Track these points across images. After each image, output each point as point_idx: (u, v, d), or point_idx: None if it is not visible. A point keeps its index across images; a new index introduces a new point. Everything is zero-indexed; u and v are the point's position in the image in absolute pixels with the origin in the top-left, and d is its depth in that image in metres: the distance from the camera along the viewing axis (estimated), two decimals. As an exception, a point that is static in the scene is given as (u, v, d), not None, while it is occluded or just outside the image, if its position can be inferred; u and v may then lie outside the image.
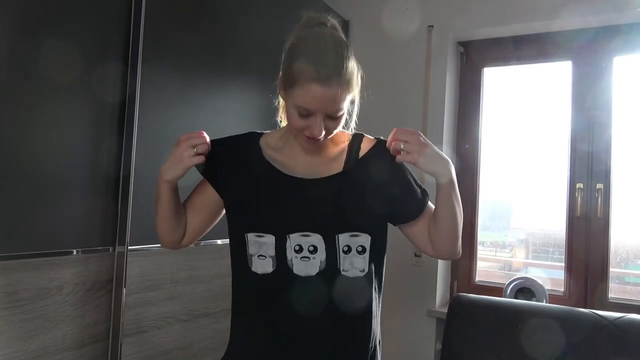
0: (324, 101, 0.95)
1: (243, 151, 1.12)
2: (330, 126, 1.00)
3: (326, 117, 0.98)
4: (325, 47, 0.95)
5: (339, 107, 0.97)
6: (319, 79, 0.93)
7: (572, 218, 2.16)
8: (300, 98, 0.95)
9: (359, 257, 1.04)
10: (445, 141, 2.31)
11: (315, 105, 0.95)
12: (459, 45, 2.42)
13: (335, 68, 0.94)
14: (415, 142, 1.01)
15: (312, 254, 1.02)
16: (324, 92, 0.94)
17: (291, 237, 1.02)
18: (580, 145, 2.16)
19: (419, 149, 1.00)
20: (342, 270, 1.03)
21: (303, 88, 0.94)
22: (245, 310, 1.11)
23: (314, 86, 0.93)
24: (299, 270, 1.02)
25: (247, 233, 1.06)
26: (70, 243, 1.34)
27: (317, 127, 0.98)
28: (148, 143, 1.50)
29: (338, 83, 0.94)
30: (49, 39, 1.26)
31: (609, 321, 1.73)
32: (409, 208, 1.11)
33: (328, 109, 0.96)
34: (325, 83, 0.93)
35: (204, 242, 1.72)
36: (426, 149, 1.01)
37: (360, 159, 1.09)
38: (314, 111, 0.96)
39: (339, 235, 1.02)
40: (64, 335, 1.34)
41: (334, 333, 1.04)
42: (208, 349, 1.78)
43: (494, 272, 2.46)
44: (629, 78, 2.13)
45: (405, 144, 1.01)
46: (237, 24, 1.84)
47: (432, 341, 2.24)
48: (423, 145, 1.01)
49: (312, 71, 0.93)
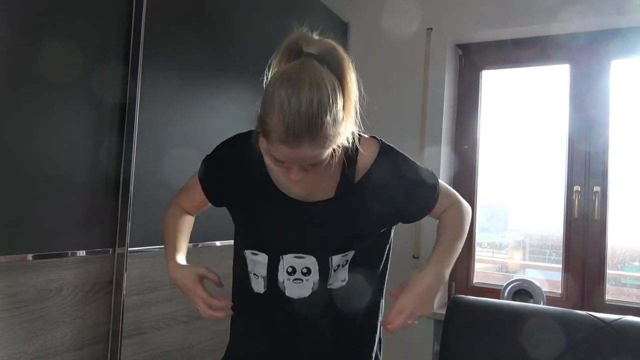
0: (295, 159, 0.87)
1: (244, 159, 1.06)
2: (312, 169, 0.92)
3: (305, 164, 0.90)
4: (300, 99, 0.83)
5: (314, 160, 0.89)
6: (287, 142, 0.84)
7: (570, 220, 2.17)
8: (272, 152, 0.88)
9: (342, 269, 1.05)
10: (443, 143, 2.32)
11: (288, 161, 0.89)
12: (458, 47, 2.43)
13: (308, 127, 0.83)
14: (412, 314, 1.00)
15: (305, 275, 1.02)
16: (294, 153, 0.86)
17: (284, 258, 1.02)
18: (578, 147, 2.17)
19: (420, 312, 1.00)
20: (328, 285, 1.04)
21: (274, 146, 0.86)
22: (244, 312, 1.12)
23: (283, 148, 0.85)
24: (292, 293, 1.03)
25: (245, 250, 1.07)
26: (70, 245, 1.34)
27: (294, 173, 0.91)
28: (148, 145, 1.50)
29: (310, 144, 0.84)
30: (50, 41, 1.25)
31: (606, 323, 1.74)
32: (415, 213, 1.12)
33: (302, 163, 0.89)
34: (294, 145, 0.84)
35: (203, 244, 1.73)
36: (422, 307, 1.01)
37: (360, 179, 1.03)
38: (287, 163, 0.90)
39: (333, 257, 1.02)
40: (63, 337, 1.34)
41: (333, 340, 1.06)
42: (207, 351, 1.79)
43: (492, 274, 2.47)
44: (626, 81, 2.14)
45: (409, 320, 1.01)
46: (238, 25, 1.84)
47: (430, 343, 2.24)
48: (418, 307, 1.00)
49: (281, 132, 0.83)
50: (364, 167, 1.04)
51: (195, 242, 1.67)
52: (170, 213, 1.21)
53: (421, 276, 1.03)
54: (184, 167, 1.26)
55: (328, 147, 0.88)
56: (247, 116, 1.87)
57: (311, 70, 0.86)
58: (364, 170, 1.04)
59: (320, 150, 0.87)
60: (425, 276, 1.02)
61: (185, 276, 1.07)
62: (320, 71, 0.86)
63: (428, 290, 1.01)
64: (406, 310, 0.99)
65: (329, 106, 0.84)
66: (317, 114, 0.83)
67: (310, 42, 0.90)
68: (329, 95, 0.85)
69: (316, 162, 0.89)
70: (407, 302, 0.99)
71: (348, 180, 1.02)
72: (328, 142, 0.87)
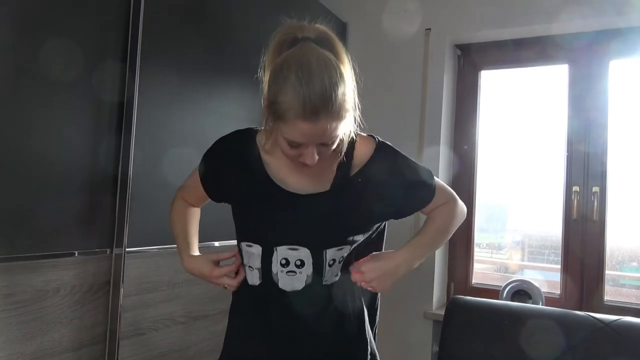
0: (313, 136, 0.90)
1: (242, 154, 1.10)
2: (324, 151, 0.95)
3: (319, 145, 0.93)
4: (311, 76, 0.87)
5: (331, 137, 0.92)
6: (305, 116, 0.86)
7: (569, 221, 2.17)
8: (289, 133, 0.91)
9: (338, 265, 1.06)
10: (442, 143, 2.31)
11: (306, 140, 0.91)
12: (457, 48, 2.42)
13: (323, 101, 0.86)
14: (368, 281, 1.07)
15: (298, 268, 1.02)
16: (312, 128, 0.88)
17: (278, 250, 1.02)
18: (577, 148, 2.17)
19: (376, 284, 1.07)
20: (324, 281, 1.05)
21: (290, 124, 0.89)
22: (242, 310, 1.13)
23: (302, 124, 0.87)
24: (285, 285, 1.03)
25: (241, 242, 1.08)
26: (68, 245, 1.33)
27: (309, 156, 0.93)
28: (147, 144, 1.50)
29: (326, 116, 0.88)
30: (48, 39, 1.25)
31: (605, 324, 1.74)
32: (408, 210, 1.13)
33: (319, 140, 0.92)
34: (312, 119, 0.87)
35: (202, 244, 1.72)
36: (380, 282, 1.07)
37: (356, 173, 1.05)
38: (304, 143, 0.92)
39: (327, 250, 1.02)
40: (61, 338, 1.33)
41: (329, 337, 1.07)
42: (205, 351, 1.78)
43: (490, 274, 2.47)
44: (625, 82, 2.14)
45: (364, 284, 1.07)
46: (236, 24, 1.84)
47: (428, 343, 2.24)
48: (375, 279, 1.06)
49: (298, 108, 0.86)
50: (360, 163, 1.06)
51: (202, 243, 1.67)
52: (176, 208, 1.23)
53: (394, 255, 1.08)
54: (182, 167, 1.25)
55: (343, 118, 0.91)
56: (245, 115, 1.88)
57: (314, 51, 0.90)
58: (359, 166, 1.05)
59: (336, 122, 0.90)
60: (397, 257, 1.08)
61: (200, 266, 1.12)
62: (322, 51, 0.91)
63: (393, 271, 1.07)
64: (365, 275, 1.06)
65: (338, 81, 0.89)
66: (330, 88, 0.87)
67: (303, 28, 0.94)
68: (336, 71, 0.89)
69: (331, 140, 0.92)
70: (368, 270, 1.05)
71: (344, 174, 1.04)
72: (343, 112, 0.90)
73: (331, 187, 1.04)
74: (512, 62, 2.35)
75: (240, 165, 1.09)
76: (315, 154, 0.93)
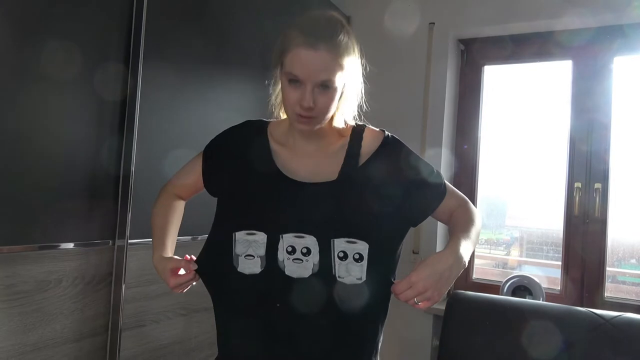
0: (312, 66, 0.93)
1: (250, 144, 1.11)
2: (321, 100, 0.96)
3: (316, 88, 0.95)
4: (317, 18, 0.97)
5: (328, 76, 0.94)
6: (307, 43, 0.92)
7: (570, 217, 2.17)
8: (289, 64, 0.95)
9: (356, 264, 1.00)
10: (445, 139, 2.31)
11: (304, 71, 0.94)
12: (460, 42, 2.41)
13: (325, 34, 0.93)
14: (422, 292, 0.93)
15: (305, 256, 1.00)
16: (311, 56, 0.92)
17: (284, 237, 1.00)
18: (579, 144, 2.17)
19: (431, 293, 0.93)
20: (338, 277, 1.00)
21: (292, 53, 0.94)
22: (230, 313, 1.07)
23: (302, 50, 0.93)
24: (291, 272, 1.00)
25: (237, 232, 1.03)
26: (70, 236, 1.33)
27: (307, 96, 0.94)
28: (149, 138, 1.49)
29: (327, 49, 0.92)
30: (50, 38, 1.24)
31: (606, 320, 1.75)
32: (419, 209, 1.09)
33: (317, 76, 0.94)
34: (312, 47, 0.92)
35: (202, 237, 1.72)
36: (436, 288, 0.93)
37: (363, 163, 1.05)
38: (302, 78, 0.94)
39: (335, 240, 1.00)
40: (62, 329, 1.33)
41: (328, 337, 1.02)
42: (206, 343, 1.78)
43: (490, 270, 2.47)
44: (629, 78, 2.14)
45: (418, 298, 0.93)
46: (238, 21, 1.83)
47: (429, 338, 2.25)
48: (430, 287, 0.92)
49: (300, 36, 0.93)
50: (368, 152, 1.06)
51: (194, 235, 1.67)
52: (160, 202, 1.20)
53: (443, 255, 0.95)
54: (183, 159, 1.25)
55: (342, 57, 0.95)
56: (247, 113, 1.86)
57: (327, 12, 0.99)
58: (367, 155, 1.06)
59: (336, 60, 0.94)
60: (447, 256, 0.95)
61: (163, 271, 1.10)
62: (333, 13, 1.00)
63: (447, 273, 0.93)
64: (416, 287, 0.92)
65: (342, 27, 0.96)
66: (333, 25, 0.96)
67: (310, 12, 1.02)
68: (341, 22, 0.98)
69: (330, 81, 0.95)
70: (421, 279, 0.91)
71: (351, 163, 1.05)
72: (342, 57, 0.94)
73: (338, 176, 1.04)
74: (515, 58, 2.34)
75: (248, 152, 1.09)
76: (312, 96, 0.95)
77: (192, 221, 1.32)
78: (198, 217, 1.33)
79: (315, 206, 1.02)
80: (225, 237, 1.04)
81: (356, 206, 1.02)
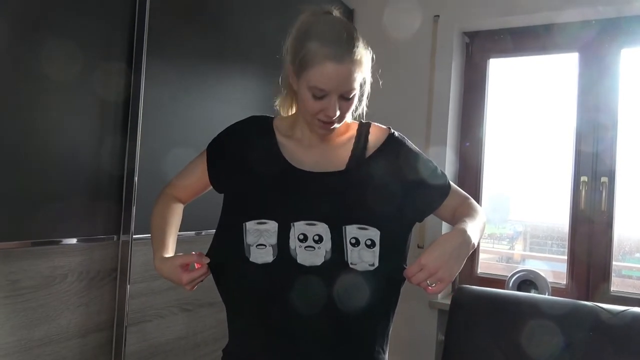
0: (338, 80, 0.97)
1: (256, 137, 1.12)
2: (344, 107, 1.01)
3: (340, 97, 0.99)
4: (336, 28, 0.99)
5: (352, 86, 0.99)
6: (334, 57, 0.95)
7: (576, 211, 2.15)
8: (315, 79, 0.97)
9: (368, 250, 1.00)
10: (449, 132, 2.30)
11: (330, 85, 0.97)
12: (465, 35, 2.40)
13: (348, 46, 0.96)
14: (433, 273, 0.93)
15: (317, 243, 1.00)
16: (338, 71, 0.96)
17: (296, 225, 1.00)
18: (586, 138, 2.15)
19: (442, 274, 0.93)
20: (351, 263, 1.00)
21: (317, 68, 0.96)
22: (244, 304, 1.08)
23: (329, 65, 0.95)
24: (303, 260, 1.00)
25: (247, 222, 1.03)
26: (74, 231, 1.33)
27: (332, 107, 0.99)
28: (153, 135, 1.49)
29: (351, 61, 0.96)
30: (53, 38, 1.24)
31: (612, 314, 1.74)
32: (424, 204, 1.11)
33: (342, 87, 0.98)
34: (339, 61, 0.95)
35: (206, 232, 1.71)
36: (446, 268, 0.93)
37: (370, 155, 1.08)
38: (328, 91, 0.98)
39: (346, 227, 1.00)
40: (68, 324, 1.33)
41: (339, 326, 1.02)
42: (211, 339, 1.78)
43: (494, 264, 2.47)
44: (636, 70, 2.11)
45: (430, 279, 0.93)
46: (240, 20, 1.82)
47: (434, 333, 2.24)
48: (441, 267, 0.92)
49: (326, 50, 0.95)
50: (374, 147, 1.10)
51: (199, 230, 1.66)
52: (160, 203, 1.19)
53: (449, 236, 0.96)
54: (187, 155, 1.24)
55: (362, 70, 0.99)
56: (250, 110, 1.86)
57: (334, 16, 1.03)
58: (374, 148, 1.10)
59: (358, 70, 0.98)
60: (454, 236, 0.96)
61: (169, 272, 1.06)
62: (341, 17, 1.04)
63: (456, 253, 0.94)
64: (427, 268, 0.92)
65: (357, 33, 1.00)
66: (351, 38, 0.98)
67: (323, 8, 1.04)
68: (355, 30, 1.01)
69: (352, 89, 0.99)
70: (431, 260, 0.92)
71: (359, 154, 1.08)
72: (362, 66, 0.99)
73: (347, 166, 1.07)
74: (521, 50, 2.32)
75: (255, 145, 1.11)
76: (337, 106, 0.99)
77: (196, 216, 1.31)
78: (202, 212, 1.33)
79: (326, 194, 1.04)
80: (236, 228, 1.04)
81: (365, 194, 1.04)
